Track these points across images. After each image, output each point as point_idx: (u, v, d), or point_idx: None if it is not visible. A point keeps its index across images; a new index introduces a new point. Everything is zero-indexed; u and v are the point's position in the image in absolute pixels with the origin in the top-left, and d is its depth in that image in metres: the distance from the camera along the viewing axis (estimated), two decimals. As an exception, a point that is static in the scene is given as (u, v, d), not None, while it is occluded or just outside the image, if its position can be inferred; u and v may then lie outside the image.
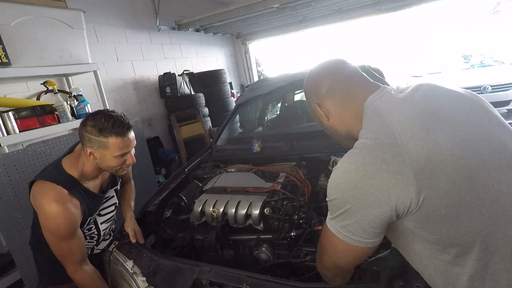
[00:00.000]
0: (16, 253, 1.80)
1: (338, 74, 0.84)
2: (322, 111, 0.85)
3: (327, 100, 0.83)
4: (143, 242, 1.38)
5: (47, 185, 1.14)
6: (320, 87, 0.84)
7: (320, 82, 0.85)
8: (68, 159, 1.25)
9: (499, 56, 6.01)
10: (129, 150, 1.21)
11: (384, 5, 4.78)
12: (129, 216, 1.47)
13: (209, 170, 1.91)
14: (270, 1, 3.90)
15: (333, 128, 0.87)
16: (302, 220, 1.31)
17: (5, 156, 1.82)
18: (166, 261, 1.22)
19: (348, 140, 0.83)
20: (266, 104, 3.29)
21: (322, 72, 0.87)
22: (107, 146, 1.14)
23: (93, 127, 1.13)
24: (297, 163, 1.78)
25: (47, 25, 2.25)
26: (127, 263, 1.27)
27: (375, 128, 0.68)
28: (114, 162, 1.18)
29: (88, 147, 1.15)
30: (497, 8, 12.25)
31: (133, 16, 3.81)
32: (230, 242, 1.40)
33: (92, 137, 1.13)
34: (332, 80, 0.83)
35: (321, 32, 6.18)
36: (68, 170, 1.20)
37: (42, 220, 1.13)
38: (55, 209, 1.10)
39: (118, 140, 1.14)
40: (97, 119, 1.14)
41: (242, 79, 6.67)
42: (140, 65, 3.89)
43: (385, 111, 0.70)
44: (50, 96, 2.48)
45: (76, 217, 1.17)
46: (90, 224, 1.30)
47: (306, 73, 0.92)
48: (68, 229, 1.13)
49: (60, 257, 1.17)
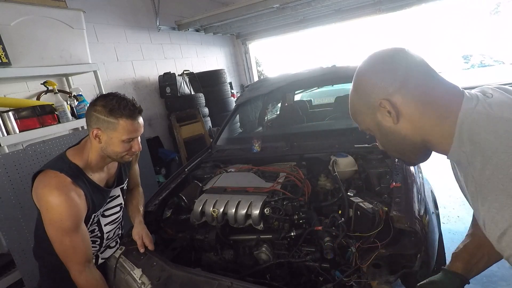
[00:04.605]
0: (16, 253, 1.80)
1: (418, 66, 0.66)
2: (393, 110, 0.65)
3: (401, 97, 0.65)
4: (152, 248, 1.27)
5: (49, 174, 1.08)
6: (393, 79, 0.65)
7: (393, 73, 0.66)
8: (73, 149, 1.21)
9: (499, 56, 6.02)
10: (137, 136, 1.16)
11: (384, 5, 4.78)
12: (137, 220, 1.38)
13: (209, 170, 1.91)
14: (270, 1, 3.90)
15: (399, 134, 0.68)
16: (302, 220, 1.31)
17: (5, 156, 1.82)
18: (179, 271, 1.11)
19: (416, 151, 0.70)
20: (266, 104, 3.29)
21: (395, 62, 0.67)
22: (115, 128, 1.09)
23: (103, 106, 1.08)
24: (297, 163, 1.78)
25: (47, 25, 2.25)
26: (134, 271, 1.17)
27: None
28: (120, 147, 1.13)
29: (95, 128, 1.10)
30: (497, 9, 12.25)
31: (133, 16, 3.81)
32: (230, 242, 1.40)
33: (101, 116, 1.08)
34: (408, 72, 0.65)
35: (321, 32, 6.18)
36: (72, 159, 1.15)
37: (44, 213, 1.06)
38: (57, 198, 1.03)
39: (128, 122, 1.10)
40: (108, 99, 1.10)
41: (242, 79, 6.67)
42: (140, 65, 3.89)
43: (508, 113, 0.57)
44: (50, 96, 2.48)
45: (80, 207, 1.09)
46: (93, 224, 1.24)
47: (356, 66, 0.73)
48: (71, 220, 1.05)
49: (63, 257, 1.10)
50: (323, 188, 1.57)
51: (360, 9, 4.98)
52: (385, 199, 1.28)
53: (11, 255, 1.83)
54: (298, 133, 2.34)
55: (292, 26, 5.70)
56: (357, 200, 1.25)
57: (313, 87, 3.78)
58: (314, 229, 1.23)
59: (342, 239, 1.13)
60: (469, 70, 5.90)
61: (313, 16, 5.28)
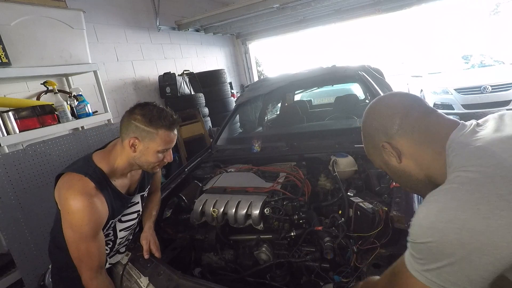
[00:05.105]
0: (16, 253, 1.80)
1: (414, 109, 0.73)
2: (394, 151, 0.73)
3: (400, 139, 0.73)
4: (159, 256, 1.25)
5: (74, 177, 1.07)
6: (392, 123, 0.74)
7: (392, 118, 0.74)
8: (99, 153, 1.19)
9: (499, 56, 6.01)
10: (171, 147, 1.17)
11: (384, 5, 4.78)
12: (147, 225, 1.35)
13: (209, 170, 1.91)
14: (270, 1, 3.90)
15: (405, 172, 0.75)
16: (302, 220, 1.31)
17: (5, 156, 1.82)
18: (188, 282, 1.06)
19: (425, 187, 0.73)
20: (266, 104, 3.29)
21: (393, 106, 0.76)
22: (154, 138, 1.09)
23: (143, 116, 1.08)
24: (297, 163, 1.78)
25: (47, 25, 2.25)
26: (141, 279, 1.14)
27: (474, 160, 0.58)
28: (154, 158, 1.13)
29: (133, 137, 1.08)
30: (497, 9, 12.27)
31: (133, 16, 3.81)
32: (230, 242, 1.40)
33: (141, 126, 1.07)
34: (408, 116, 0.73)
35: (321, 32, 6.19)
36: (97, 163, 1.13)
37: (65, 215, 1.04)
38: (80, 203, 1.01)
39: (166, 133, 1.11)
40: (147, 109, 1.10)
41: (242, 79, 6.67)
42: (140, 65, 3.89)
43: (482, 141, 0.60)
44: (50, 96, 2.48)
45: (101, 215, 1.08)
46: (109, 229, 1.21)
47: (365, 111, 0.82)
48: (91, 227, 1.04)
49: (77, 261, 1.08)
50: (323, 188, 1.57)
51: (360, 9, 4.98)
52: (385, 199, 1.28)
53: (11, 255, 1.83)
54: (298, 133, 2.34)
55: (292, 26, 5.71)
56: (357, 200, 1.25)
57: (313, 87, 3.79)
58: (314, 229, 1.23)
59: (342, 239, 1.13)
60: (469, 70, 5.88)
61: (313, 16, 5.28)
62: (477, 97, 5.16)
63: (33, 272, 1.87)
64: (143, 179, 1.33)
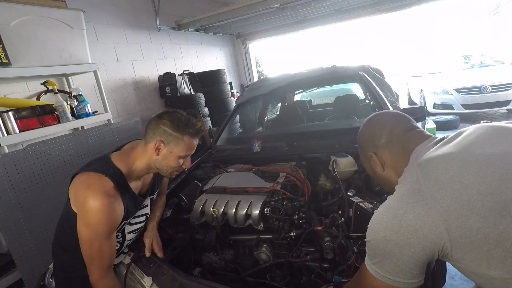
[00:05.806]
0: (16, 253, 1.81)
1: (398, 126, 0.87)
2: (379, 160, 0.88)
3: (385, 151, 0.87)
4: (161, 256, 1.26)
5: (93, 176, 1.08)
6: (379, 137, 0.88)
7: (380, 132, 0.88)
8: (117, 154, 1.20)
9: (499, 56, 6.01)
10: (191, 154, 1.22)
11: (384, 5, 4.78)
12: (151, 225, 1.37)
13: (209, 170, 1.91)
14: (270, 1, 3.90)
15: (387, 179, 0.89)
16: (302, 220, 1.31)
17: (5, 156, 1.82)
18: (192, 282, 1.05)
19: None
20: (266, 104, 3.29)
21: (382, 123, 0.90)
22: (178, 144, 1.14)
23: (171, 121, 1.14)
24: (297, 163, 1.78)
25: (47, 25, 2.25)
26: (144, 279, 1.14)
27: (407, 174, 0.74)
28: (175, 163, 1.18)
29: (159, 141, 1.13)
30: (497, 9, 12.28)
31: (133, 16, 3.81)
32: (230, 242, 1.40)
33: (169, 131, 1.13)
34: (393, 132, 0.86)
35: (321, 32, 6.19)
36: (117, 164, 1.15)
37: (82, 213, 1.05)
38: (100, 202, 1.02)
39: (191, 140, 1.17)
40: (175, 115, 1.16)
41: (242, 79, 6.67)
42: (140, 65, 3.89)
43: (415, 157, 0.75)
44: (50, 96, 2.48)
45: (118, 215, 1.09)
46: (119, 231, 1.21)
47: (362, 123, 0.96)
48: (107, 226, 1.05)
49: (88, 259, 1.08)
50: (323, 188, 1.57)
51: (360, 9, 4.98)
52: (385, 199, 1.28)
53: (11, 255, 1.83)
54: (298, 133, 2.34)
55: (292, 26, 5.71)
56: (357, 200, 1.25)
57: (313, 87, 3.79)
58: (314, 229, 1.23)
59: (342, 239, 1.13)
60: (469, 70, 5.88)
61: (313, 16, 5.28)
62: (477, 97, 5.16)
63: (33, 272, 1.87)
64: (154, 182, 1.36)
